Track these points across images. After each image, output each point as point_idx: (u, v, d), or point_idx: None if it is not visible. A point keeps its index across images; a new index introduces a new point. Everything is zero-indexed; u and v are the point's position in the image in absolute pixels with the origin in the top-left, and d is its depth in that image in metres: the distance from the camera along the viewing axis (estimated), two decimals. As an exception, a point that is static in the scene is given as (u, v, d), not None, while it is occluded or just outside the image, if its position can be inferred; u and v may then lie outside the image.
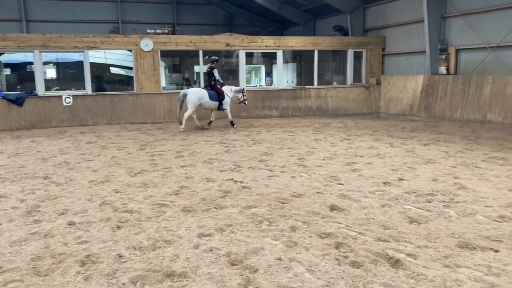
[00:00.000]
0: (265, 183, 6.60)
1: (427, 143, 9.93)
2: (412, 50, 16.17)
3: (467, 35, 13.81)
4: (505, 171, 7.14)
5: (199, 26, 26.38)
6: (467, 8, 13.68)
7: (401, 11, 16.50)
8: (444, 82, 14.23)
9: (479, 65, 13.36)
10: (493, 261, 3.81)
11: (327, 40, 17.30)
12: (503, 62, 12.62)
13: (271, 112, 16.32)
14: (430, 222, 4.83)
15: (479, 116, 12.80)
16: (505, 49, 12.60)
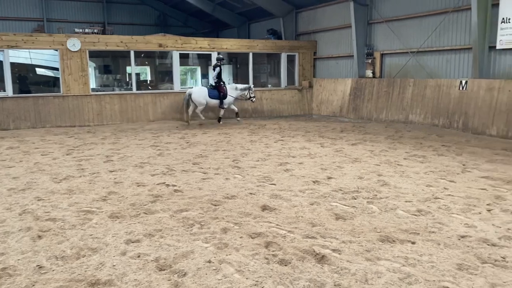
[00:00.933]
0: (198, 186, 6.55)
1: (355, 143, 10.41)
2: (341, 54, 16.88)
3: (390, 40, 14.67)
4: (423, 168, 7.67)
5: (131, 26, 25.64)
6: (390, 15, 14.54)
7: (330, 17, 17.16)
8: (371, 85, 15.01)
9: (402, 69, 14.24)
10: (410, 253, 4.07)
11: (261, 43, 17.57)
12: (422, 66, 13.55)
13: (207, 114, 16.22)
14: (355, 218, 5.07)
15: (402, 116, 13.64)
16: (424, 54, 13.54)
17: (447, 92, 12.23)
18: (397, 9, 14.30)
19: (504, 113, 10.65)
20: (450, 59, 12.81)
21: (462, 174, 7.21)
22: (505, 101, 10.65)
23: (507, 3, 11.01)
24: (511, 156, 8.60)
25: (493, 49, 11.51)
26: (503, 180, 6.77)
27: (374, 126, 13.40)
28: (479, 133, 11.12)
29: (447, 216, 5.11)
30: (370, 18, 15.41)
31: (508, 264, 3.81)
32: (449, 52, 12.79)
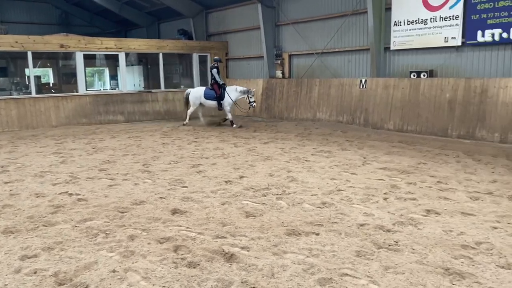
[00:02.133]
0: (104, 193, 6.26)
1: (267, 142, 10.67)
2: (252, 55, 17.21)
3: (297, 42, 15.27)
4: (329, 163, 8.10)
5: (30, 25, 23.68)
6: (296, 17, 15.14)
7: (240, 18, 17.41)
8: (281, 85, 15.50)
9: (309, 69, 14.91)
10: (314, 244, 4.27)
11: (172, 43, 17.28)
12: (327, 66, 14.31)
13: (116, 117, 15.59)
14: (264, 214, 5.19)
15: (310, 115, 14.28)
16: (328, 55, 14.31)
17: (349, 90, 13.05)
18: (302, 11, 14.93)
19: (399, 108, 11.63)
20: (351, 60, 13.68)
21: (363, 167, 7.73)
22: (400, 98, 11.63)
23: (398, 7, 12.04)
24: (406, 148, 9.41)
25: (388, 50, 12.52)
26: (398, 170, 7.38)
27: (285, 125, 13.85)
28: (378, 128, 12.03)
29: (348, 207, 5.44)
30: (278, 20, 15.91)
31: (400, 248, 4.16)
32: (349, 53, 13.65)
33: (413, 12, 11.70)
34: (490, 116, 9.81)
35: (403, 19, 11.96)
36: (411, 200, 5.66)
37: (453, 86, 10.50)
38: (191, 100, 13.76)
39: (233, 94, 13.38)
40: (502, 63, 10.19)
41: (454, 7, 10.88)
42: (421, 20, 11.58)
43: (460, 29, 10.78)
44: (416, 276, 3.55)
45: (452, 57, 11.10)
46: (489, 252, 4.02)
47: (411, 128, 11.31)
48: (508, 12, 9.87)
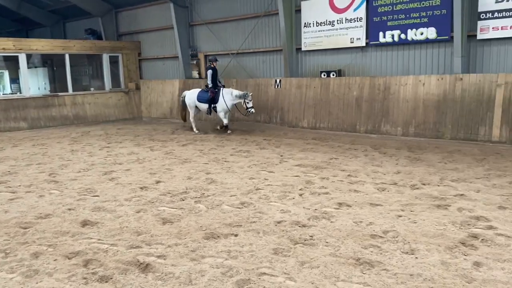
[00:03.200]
0: (4, 208, 5.69)
1: (185, 144, 10.49)
2: (166, 55, 16.82)
3: (212, 42, 15.20)
4: (247, 162, 8.16)
5: None
6: (210, 17, 15.06)
7: (152, 17, 16.91)
8: (197, 86, 15.29)
9: (225, 69, 14.90)
10: (233, 245, 4.26)
11: (79, 43, 16.30)
12: (242, 67, 14.44)
13: (18, 124, 14.33)
14: (182, 219, 5.07)
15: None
16: (243, 55, 14.44)
17: (265, 90, 13.29)
18: (215, 12, 14.89)
19: (312, 107, 12.09)
20: (265, 60, 13.94)
21: (280, 164, 7.90)
22: (312, 96, 12.09)
23: (307, 9, 12.49)
24: (319, 145, 9.81)
25: (300, 51, 12.95)
26: (312, 166, 7.66)
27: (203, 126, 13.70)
28: (294, 126, 12.41)
29: (266, 205, 5.52)
30: (192, 20, 15.71)
31: (315, 242, 4.30)
32: (264, 53, 13.91)
33: (321, 14, 12.22)
34: (393, 112, 10.57)
35: (312, 20, 12.43)
36: (325, 195, 5.90)
37: (359, 85, 11.15)
38: (187, 104, 12.53)
39: (228, 98, 11.81)
40: (402, 62, 11.03)
41: (358, 9, 11.54)
42: (329, 21, 12.13)
43: (364, 30, 11.47)
44: (330, 269, 3.68)
45: (358, 57, 11.78)
46: (395, 239, 4.30)
47: (323, 125, 11.82)
48: (405, 15, 10.70)
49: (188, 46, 15.81)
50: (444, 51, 10.28)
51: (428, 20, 10.32)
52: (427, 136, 9.93)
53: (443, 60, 10.34)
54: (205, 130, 12.59)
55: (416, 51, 10.76)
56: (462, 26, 9.53)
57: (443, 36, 10.14)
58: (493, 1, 9.36)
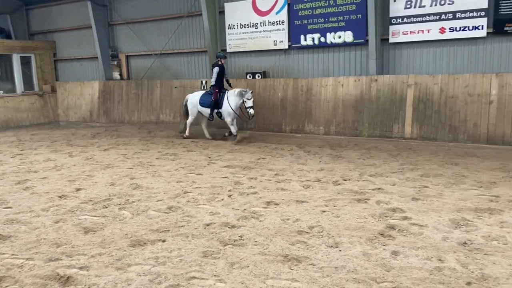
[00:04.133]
0: None
1: (107, 148, 10.04)
2: (84, 55, 15.99)
3: (134, 42, 14.72)
4: (174, 165, 8.01)
5: None
6: (131, 17, 14.57)
7: (68, 16, 15.98)
8: (119, 87, 14.76)
9: (148, 70, 14.52)
10: (161, 251, 4.15)
11: (-16, 42, 14.92)
12: (167, 68, 14.15)
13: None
14: (106, 228, 4.84)
15: (153, 117, 13.95)
16: (167, 56, 14.16)
17: (191, 91, 13.11)
18: (136, 11, 14.43)
19: (238, 108, 12.17)
20: (190, 61, 13.79)
21: (208, 166, 7.86)
22: (238, 97, 12.16)
23: (230, 11, 12.56)
24: (247, 145, 9.90)
25: (225, 52, 12.96)
26: (240, 166, 7.71)
27: (127, 129, 13.23)
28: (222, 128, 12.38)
29: (195, 208, 5.45)
30: (111, 19, 15.09)
31: (244, 242, 4.33)
32: (188, 54, 13.75)
33: (245, 16, 12.35)
34: (315, 112, 10.97)
35: (236, 22, 12.53)
36: (253, 194, 5.96)
37: (283, 86, 11.43)
38: (189, 108, 10.90)
39: (232, 100, 10.25)
40: (322, 64, 11.50)
41: (280, 12, 11.84)
42: (252, 24, 12.30)
43: (286, 33, 11.79)
44: (259, 268, 3.73)
45: (281, 59, 12.07)
46: (320, 234, 4.47)
47: (251, 126, 11.94)
48: (324, 19, 11.17)
49: (108, 46, 15.17)
50: (360, 53, 10.88)
51: (345, 24, 10.86)
52: (347, 134, 10.45)
53: (359, 62, 10.94)
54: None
55: (335, 53, 11.28)
56: (376, 30, 10.16)
57: (359, 40, 10.74)
58: (402, 7, 10.09)
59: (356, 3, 10.59)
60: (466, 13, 9.39)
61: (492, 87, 8.79)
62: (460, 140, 9.10)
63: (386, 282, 3.43)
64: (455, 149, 8.68)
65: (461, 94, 9.12)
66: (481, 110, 8.91)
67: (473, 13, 9.32)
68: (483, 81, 8.89)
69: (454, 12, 9.52)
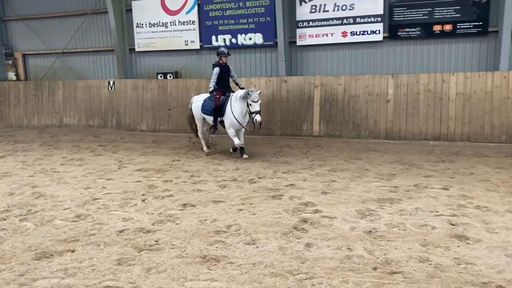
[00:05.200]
0: None
1: (3, 155, 9.14)
2: (-27, 53, 14.38)
3: (32, 40, 13.59)
4: (82, 171, 7.55)
5: None
6: (27, 12, 13.43)
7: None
8: (16, 88, 13.53)
9: (49, 70, 13.51)
10: (70, 262, 3.89)
11: None
12: (70, 68, 13.29)
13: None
14: (5, 242, 4.42)
15: (56, 120, 13.01)
16: (70, 55, 13.30)
17: (98, 92, 12.48)
18: (33, 7, 13.34)
19: (150, 109, 11.84)
20: (96, 60, 13.10)
21: (119, 171, 7.53)
22: (150, 99, 11.84)
23: (138, 10, 12.17)
24: (160, 147, 9.66)
25: (134, 51, 12.54)
26: (154, 170, 7.51)
27: (26, 134, 12.17)
28: (132, 130, 11.97)
29: (106, 215, 5.20)
30: (4, 15, 13.80)
31: (161, 246, 4.23)
32: (94, 53, 13.05)
33: (154, 15, 12.05)
34: (229, 112, 11.06)
35: (145, 21, 12.17)
36: (168, 197, 5.85)
37: (196, 86, 11.35)
38: (194, 113, 8.88)
39: (236, 107, 8.10)
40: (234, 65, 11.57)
41: (190, 12, 11.74)
42: (162, 23, 12.04)
43: (197, 33, 11.73)
44: (177, 271, 3.67)
45: (193, 59, 11.98)
46: (237, 232, 4.52)
47: (163, 128, 11.69)
48: (234, 21, 11.30)
49: (1, 44, 13.82)
50: (270, 55, 11.21)
51: (255, 26, 11.11)
52: (260, 133, 10.68)
53: (270, 63, 11.26)
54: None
55: (246, 55, 11.48)
56: (284, 33, 10.54)
57: (269, 42, 11.05)
58: (308, 11, 10.59)
59: (265, 6, 10.88)
60: (364, 18, 10.14)
61: (389, 87, 9.60)
62: (362, 137, 9.80)
63: (301, 274, 3.58)
64: (358, 145, 9.32)
65: (362, 93, 9.81)
66: (380, 108, 9.68)
67: (371, 19, 10.09)
68: (381, 82, 9.67)
69: (354, 17, 10.23)
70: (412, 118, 9.42)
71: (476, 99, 8.96)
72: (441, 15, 9.60)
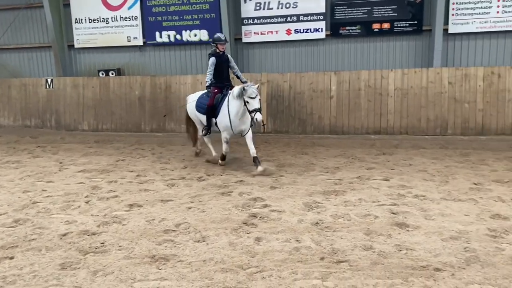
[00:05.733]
0: None
1: None
2: None
3: (-42, 35, 12.63)
4: (19, 174, 7.14)
5: None
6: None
7: None
8: None
9: (-21, 68, 12.64)
10: (9, 270, 3.68)
11: None
12: (3, 65, 12.50)
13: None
14: None
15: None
16: (3, 52, 12.52)
17: (35, 91, 11.84)
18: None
19: (92, 108, 11.40)
20: (31, 57, 12.42)
21: (60, 173, 7.20)
22: (91, 97, 11.40)
23: (77, 5, 11.67)
24: (103, 147, 9.34)
25: (73, 48, 12.01)
26: (98, 170, 7.25)
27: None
28: (73, 130, 11.47)
29: (47, 219, 4.95)
30: None
31: (107, 248, 4.10)
32: (29, 50, 12.37)
33: (94, 10, 11.61)
34: (176, 110, 10.90)
35: (84, 16, 11.70)
36: (114, 198, 5.68)
37: (140, 84, 11.08)
38: (189, 113, 7.92)
39: (233, 106, 6.84)
40: (180, 61, 11.48)
41: (132, 8, 11.43)
42: (103, 18, 11.63)
43: (140, 29, 11.44)
44: (125, 272, 3.58)
45: (136, 55, 11.68)
46: (187, 231, 4.48)
47: (106, 127, 11.31)
48: (179, 17, 11.15)
49: None
50: (216, 52, 11.16)
51: (200, 22, 11.03)
52: (208, 131, 10.63)
53: (216, 60, 11.21)
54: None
55: (192, 51, 11.37)
56: (229, 30, 10.54)
57: (214, 38, 11.00)
58: (252, 8, 10.67)
59: (209, 2, 10.82)
60: (308, 16, 10.38)
61: (332, 84, 9.89)
62: (308, 132, 10.04)
63: (251, 268, 3.62)
64: (305, 140, 9.54)
65: (307, 90, 10.04)
66: (324, 104, 9.96)
67: (314, 17, 10.35)
68: (324, 79, 9.94)
69: (298, 15, 10.44)
70: (354, 113, 9.78)
71: (412, 94, 9.46)
72: (379, 14, 10.04)
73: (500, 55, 9.71)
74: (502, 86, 9.03)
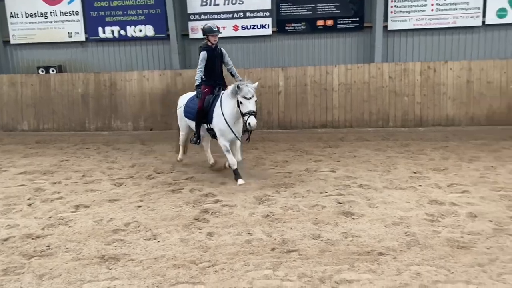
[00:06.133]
0: None
1: None
2: None
3: None
4: (-49, 178, 6.68)
5: None
6: None
7: None
8: None
9: None
10: None
11: None
12: None
13: None
14: None
15: None
16: None
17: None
18: None
19: (31, 106, 10.84)
20: (-38, 54, 11.60)
21: None
22: (30, 95, 10.83)
23: (12, -2, 11.04)
24: (45, 148, 8.94)
25: (9, 44, 11.36)
26: (40, 172, 6.94)
27: None
28: (12, 130, 10.86)
29: (-14, 224, 4.70)
30: None
31: (53, 251, 3.97)
32: (-41, 45, 11.53)
33: (31, 5, 11.03)
34: (122, 107, 10.62)
35: (21, 11, 11.09)
36: (59, 200, 5.48)
37: (83, 81, 10.67)
38: (178, 118, 7.05)
39: (227, 106, 5.93)
40: (125, 58, 11.19)
41: (73, 2, 10.98)
42: (41, 13, 11.08)
43: (82, 25, 11.02)
44: (74, 274, 3.49)
45: (78, 52, 11.24)
46: (137, 229, 4.43)
47: (48, 126, 10.81)
48: (122, 12, 10.85)
49: None
50: (163, 48, 11.00)
51: (145, 18, 10.80)
52: (157, 128, 10.47)
53: (163, 56, 11.06)
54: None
55: (137, 47, 11.12)
56: (176, 25, 10.41)
57: (160, 34, 10.83)
58: (199, 4, 10.60)
59: (154, -3, 10.63)
60: (254, 12, 10.48)
61: (280, 79, 10.06)
62: (257, 127, 10.13)
63: (204, 262, 3.65)
64: (254, 135, 9.61)
65: (255, 86, 10.13)
66: (273, 100, 10.11)
67: (260, 13, 10.47)
68: (272, 74, 10.09)
69: (244, 11, 10.50)
70: (301, 108, 10.01)
71: (356, 89, 9.84)
72: (323, 11, 10.33)
73: (435, 50, 10.33)
74: (437, 80, 9.61)
